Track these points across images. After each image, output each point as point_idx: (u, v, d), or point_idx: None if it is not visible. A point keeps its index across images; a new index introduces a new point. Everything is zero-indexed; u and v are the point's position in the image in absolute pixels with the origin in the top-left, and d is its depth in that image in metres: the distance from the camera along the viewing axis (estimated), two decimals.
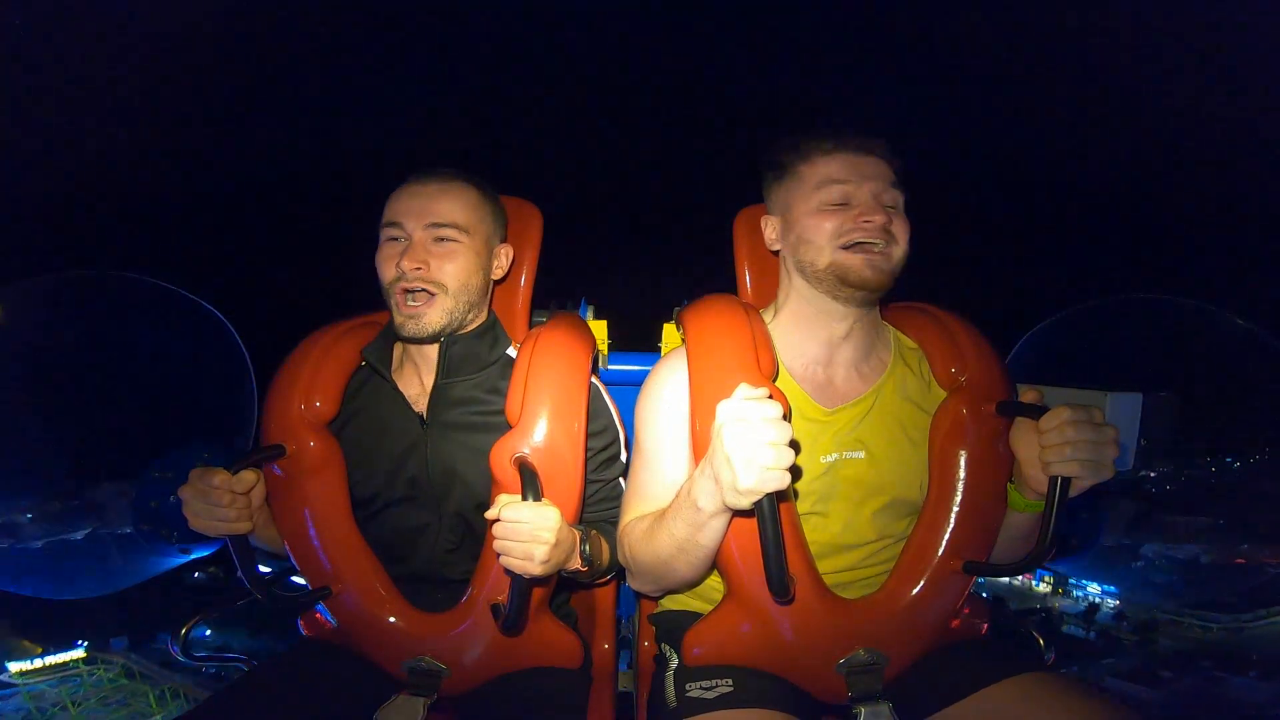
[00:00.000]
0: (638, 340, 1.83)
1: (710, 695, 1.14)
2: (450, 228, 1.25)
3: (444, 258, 1.24)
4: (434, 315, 1.24)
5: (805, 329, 1.25)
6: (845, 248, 1.16)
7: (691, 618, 1.26)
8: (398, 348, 1.36)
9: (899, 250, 1.17)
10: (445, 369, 1.29)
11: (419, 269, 1.22)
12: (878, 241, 1.15)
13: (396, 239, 1.25)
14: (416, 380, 1.33)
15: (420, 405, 1.30)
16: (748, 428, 0.88)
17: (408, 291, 1.23)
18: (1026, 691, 1.11)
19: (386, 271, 1.24)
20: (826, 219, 1.18)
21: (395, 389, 1.31)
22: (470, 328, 1.32)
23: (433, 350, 1.30)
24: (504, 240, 1.39)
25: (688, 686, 1.17)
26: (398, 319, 1.24)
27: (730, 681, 1.16)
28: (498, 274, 1.37)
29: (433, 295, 1.24)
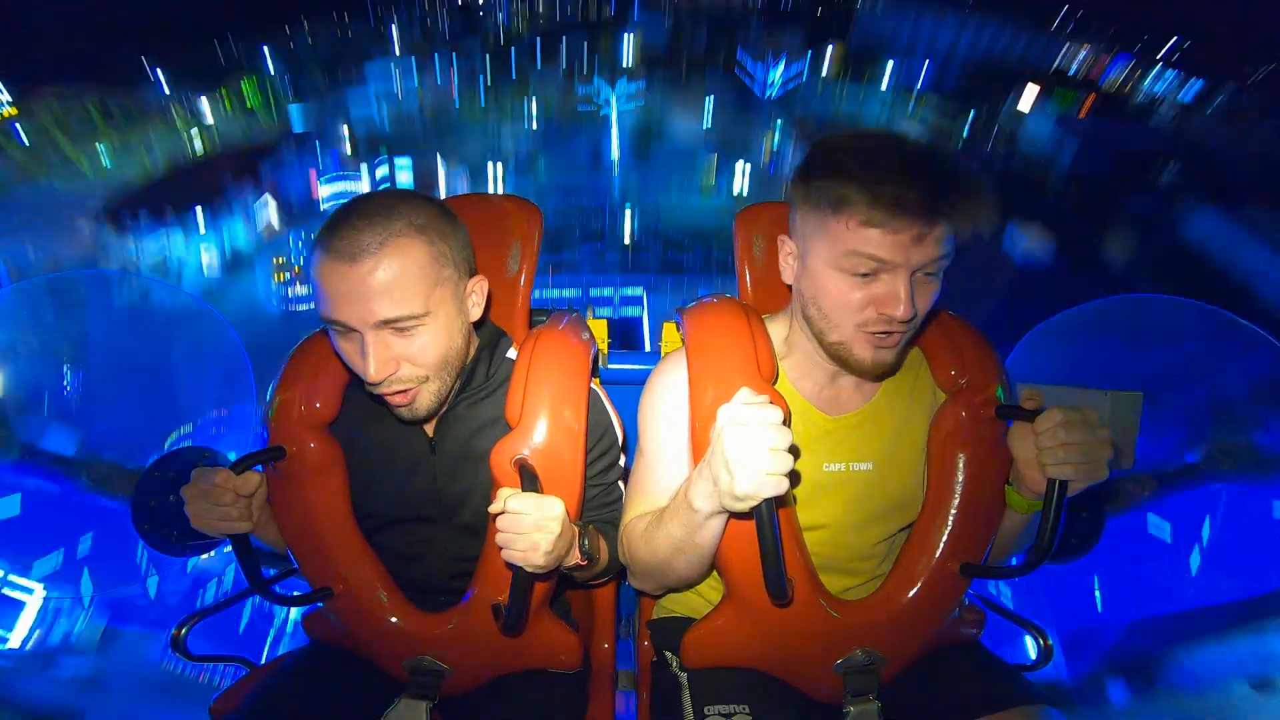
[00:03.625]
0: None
1: None
2: (403, 318, 1.06)
3: (411, 344, 1.09)
4: (424, 400, 1.15)
5: (809, 355, 1.21)
6: (859, 326, 1.06)
7: (690, 623, 1.26)
8: None
9: (914, 330, 1.09)
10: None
11: (391, 373, 1.08)
12: (895, 331, 1.06)
13: (348, 334, 1.08)
14: None
15: (428, 428, 1.28)
16: (748, 432, 0.88)
17: (386, 395, 1.13)
18: None
19: (356, 369, 1.11)
20: (847, 290, 1.04)
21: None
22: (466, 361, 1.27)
23: None
24: (473, 273, 1.20)
25: (706, 711, 1.16)
26: (391, 408, 1.16)
27: (748, 709, 1.15)
28: (475, 314, 1.20)
29: (416, 387, 1.13)
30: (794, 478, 0.94)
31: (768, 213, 1.46)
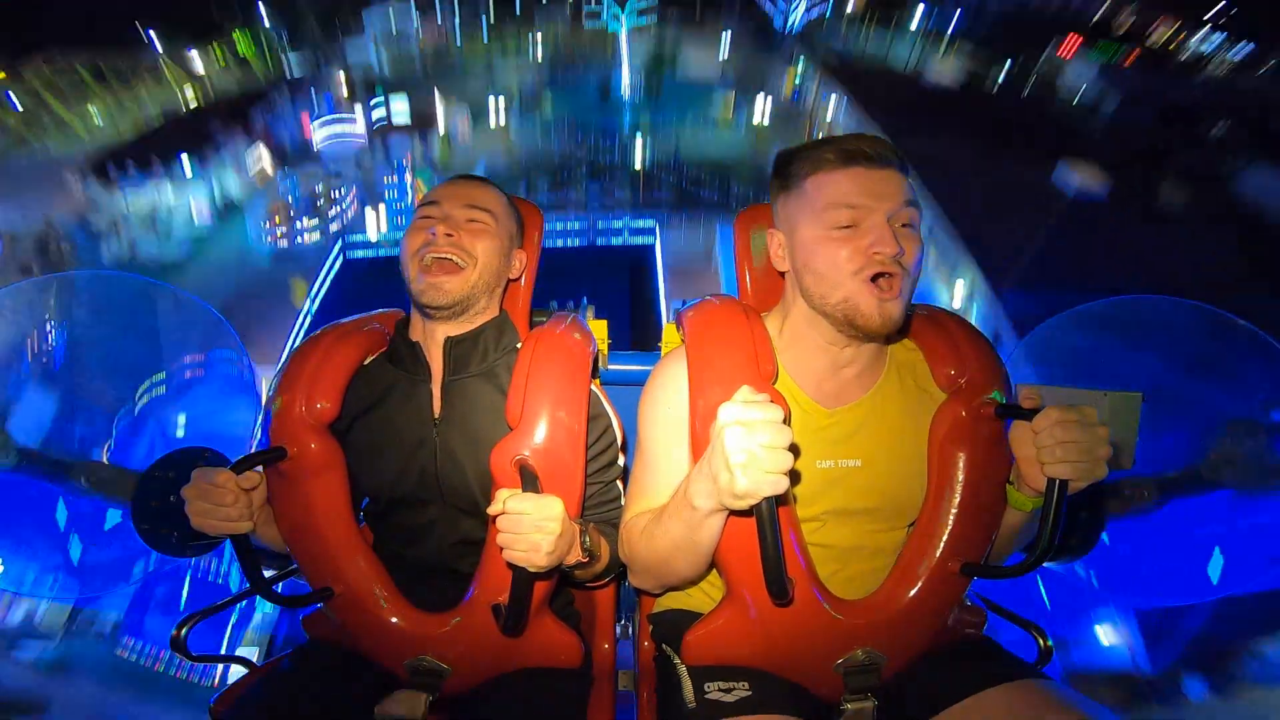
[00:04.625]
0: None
1: (729, 699, 1.15)
2: (484, 210, 1.33)
3: (475, 234, 1.30)
4: (455, 284, 1.27)
5: (808, 346, 1.22)
6: (856, 273, 1.10)
7: (691, 617, 1.27)
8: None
9: (910, 283, 1.12)
10: (451, 367, 1.30)
11: (451, 235, 1.27)
12: (891, 271, 1.10)
13: (430, 216, 1.31)
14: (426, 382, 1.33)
15: (435, 405, 1.31)
16: (749, 430, 0.88)
17: (436, 259, 1.27)
18: (1016, 699, 1.12)
19: (414, 240, 1.28)
20: (836, 246, 1.11)
21: (415, 387, 1.32)
22: (478, 323, 1.34)
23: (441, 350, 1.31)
24: (520, 247, 1.45)
25: (706, 687, 1.18)
26: (418, 287, 1.26)
27: (748, 685, 1.17)
28: (513, 273, 1.43)
29: (459, 268, 1.27)
30: (794, 477, 0.94)
31: (766, 212, 1.44)
